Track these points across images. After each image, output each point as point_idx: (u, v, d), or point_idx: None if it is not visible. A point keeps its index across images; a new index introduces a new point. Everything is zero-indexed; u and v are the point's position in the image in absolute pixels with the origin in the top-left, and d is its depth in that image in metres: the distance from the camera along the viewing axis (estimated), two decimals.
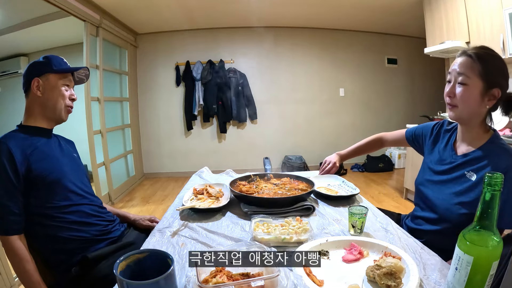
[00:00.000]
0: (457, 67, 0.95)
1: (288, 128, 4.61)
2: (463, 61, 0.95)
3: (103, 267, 0.99)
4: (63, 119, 1.12)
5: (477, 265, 0.51)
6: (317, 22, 4.24)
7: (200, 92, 4.32)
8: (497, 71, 0.94)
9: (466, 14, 2.58)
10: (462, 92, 0.94)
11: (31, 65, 1.08)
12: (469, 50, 0.96)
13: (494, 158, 0.92)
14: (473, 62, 0.93)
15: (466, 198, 0.93)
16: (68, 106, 1.12)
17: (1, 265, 1.63)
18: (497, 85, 0.93)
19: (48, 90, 1.06)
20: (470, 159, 0.97)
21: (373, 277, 0.64)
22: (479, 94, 0.93)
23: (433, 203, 1.02)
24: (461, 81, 0.94)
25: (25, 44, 3.87)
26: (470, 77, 0.93)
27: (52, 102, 1.07)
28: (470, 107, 0.95)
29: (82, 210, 1.08)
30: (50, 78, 1.07)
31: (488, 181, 0.50)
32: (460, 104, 0.96)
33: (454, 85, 0.97)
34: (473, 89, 0.93)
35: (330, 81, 4.64)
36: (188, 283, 0.62)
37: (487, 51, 0.95)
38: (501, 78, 0.95)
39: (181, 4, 3.37)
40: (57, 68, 1.07)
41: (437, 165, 1.07)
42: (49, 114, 1.09)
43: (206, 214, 1.06)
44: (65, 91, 1.09)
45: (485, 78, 0.92)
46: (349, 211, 0.89)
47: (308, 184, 1.23)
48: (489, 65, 0.93)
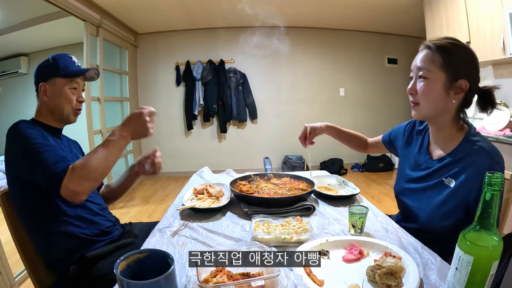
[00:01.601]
0: (417, 61, 0.90)
1: (288, 128, 4.61)
2: (423, 54, 0.89)
3: (102, 266, 0.99)
4: (71, 122, 1.13)
5: (477, 265, 0.51)
6: (317, 22, 4.24)
7: (200, 92, 4.32)
8: (461, 61, 0.87)
9: (466, 14, 2.58)
10: (423, 87, 0.88)
11: (39, 68, 1.08)
12: (429, 42, 0.89)
13: (473, 159, 0.84)
14: (433, 54, 0.87)
15: (448, 207, 0.88)
16: (76, 109, 1.11)
17: (1, 265, 1.63)
18: (463, 76, 0.85)
19: (55, 95, 1.06)
20: (447, 164, 0.90)
21: (373, 277, 0.64)
22: (443, 87, 0.86)
23: (415, 214, 0.98)
24: (421, 75, 0.88)
25: (25, 44, 3.87)
26: (431, 70, 0.86)
27: (58, 107, 1.07)
28: (434, 103, 0.88)
29: (89, 207, 1.08)
30: (56, 82, 1.06)
31: (488, 181, 0.50)
32: (422, 100, 0.89)
33: (415, 81, 0.90)
34: (434, 82, 0.86)
35: (330, 81, 4.64)
36: (188, 283, 0.62)
37: (450, 41, 0.88)
38: (467, 68, 0.87)
39: (181, 4, 3.37)
40: (64, 72, 1.06)
41: (413, 172, 1.02)
42: (57, 117, 1.09)
43: (206, 214, 1.06)
44: (71, 95, 1.08)
45: (448, 70, 0.85)
46: (349, 211, 0.89)
47: (308, 184, 1.23)
48: (451, 56, 0.86)
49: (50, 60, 1.07)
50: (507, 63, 2.53)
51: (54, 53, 1.08)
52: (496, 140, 2.19)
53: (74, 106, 1.10)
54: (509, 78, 2.55)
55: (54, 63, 1.06)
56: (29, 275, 1.02)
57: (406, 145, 1.10)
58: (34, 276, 1.02)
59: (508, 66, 2.55)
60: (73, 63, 1.11)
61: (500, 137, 2.19)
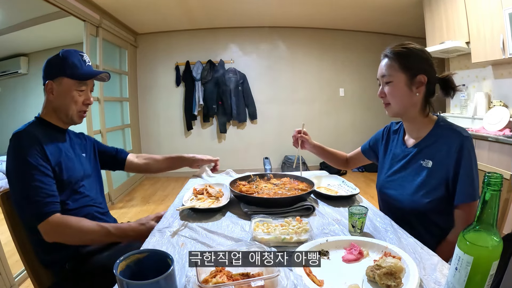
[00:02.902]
0: (380, 70, 1.04)
1: (288, 128, 4.60)
2: (383, 63, 1.04)
3: (98, 261, 1.00)
4: (75, 123, 1.10)
5: (477, 265, 0.51)
6: (317, 22, 4.24)
7: (200, 92, 4.32)
8: (415, 60, 1.00)
9: (466, 14, 2.58)
10: (390, 90, 1.02)
11: (47, 64, 1.04)
12: (386, 51, 1.03)
13: (445, 140, 0.97)
14: (391, 60, 1.01)
15: (429, 186, 0.98)
16: (81, 111, 1.08)
17: (1, 265, 1.63)
18: (420, 72, 0.99)
19: (61, 95, 1.03)
20: (422, 148, 1.03)
21: (373, 277, 0.64)
22: (405, 85, 1.00)
23: (398, 201, 1.06)
24: (386, 81, 1.03)
25: (25, 44, 3.87)
26: (392, 74, 1.01)
27: (63, 107, 1.04)
28: (401, 100, 1.02)
29: (90, 212, 1.08)
30: (63, 82, 1.02)
31: (488, 181, 0.50)
32: (391, 100, 1.03)
33: (382, 86, 1.05)
34: (397, 83, 1.00)
35: (330, 81, 4.64)
36: (188, 283, 0.62)
37: (403, 46, 1.01)
38: (422, 64, 1.00)
39: (181, 4, 3.37)
40: (71, 73, 1.02)
41: (392, 165, 1.12)
42: (61, 117, 1.07)
43: (206, 214, 1.06)
44: (78, 97, 1.05)
45: (406, 70, 0.99)
46: (349, 211, 0.89)
47: (308, 184, 1.23)
48: (406, 57, 0.99)
49: (60, 56, 1.03)
50: (506, 63, 2.53)
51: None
52: (496, 140, 2.19)
53: (79, 108, 1.07)
54: (509, 78, 2.56)
55: (62, 61, 1.02)
56: (29, 275, 1.02)
57: (386, 147, 1.21)
58: (34, 276, 1.01)
59: (507, 66, 2.55)
60: (84, 62, 1.06)
61: (500, 137, 2.19)
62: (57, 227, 0.91)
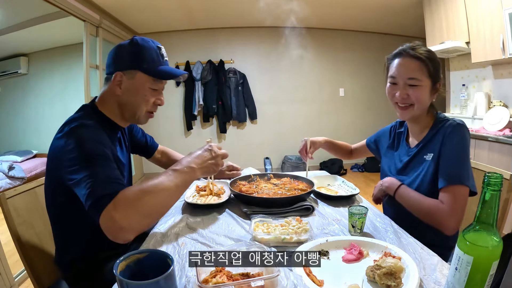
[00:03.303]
0: (406, 71, 0.99)
1: (288, 128, 4.61)
2: (413, 65, 0.99)
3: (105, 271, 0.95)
4: (140, 123, 0.99)
5: (477, 265, 0.51)
6: (318, 22, 4.24)
7: (200, 92, 4.32)
8: (438, 67, 1.01)
9: (466, 14, 2.58)
10: (417, 93, 0.99)
11: (118, 50, 0.89)
12: (411, 51, 0.99)
13: (442, 130, 0.99)
14: (423, 64, 0.98)
15: (429, 177, 0.99)
16: (150, 112, 0.96)
17: (1, 265, 1.63)
18: (439, 79, 1.02)
19: (130, 90, 0.89)
20: (424, 144, 1.04)
21: (373, 277, 0.64)
22: (429, 91, 1.00)
23: None
24: (413, 84, 0.99)
25: (25, 44, 3.87)
26: (422, 79, 0.98)
27: (131, 106, 0.92)
28: (423, 105, 1.02)
29: None
30: (137, 77, 0.88)
31: (488, 181, 0.50)
32: (417, 103, 1.00)
33: (404, 87, 1.00)
34: (425, 88, 0.99)
35: (330, 81, 4.64)
36: (188, 283, 0.62)
37: (428, 51, 1.00)
38: (440, 72, 1.02)
39: (181, 4, 3.37)
40: (148, 68, 0.88)
41: (397, 166, 1.14)
42: (126, 115, 0.94)
43: (207, 214, 1.06)
44: (150, 96, 0.92)
45: (433, 77, 0.99)
46: (349, 211, 0.89)
47: (308, 184, 1.23)
48: (435, 64, 0.99)
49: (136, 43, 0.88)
50: (506, 63, 2.53)
51: (53, 53, 0.99)
52: (496, 140, 2.19)
53: (149, 108, 0.94)
54: (509, 78, 2.56)
55: (140, 51, 0.87)
56: (29, 275, 1.02)
57: (391, 146, 1.22)
58: (34, 276, 1.01)
59: (507, 66, 2.55)
60: (162, 56, 0.92)
61: (500, 137, 2.19)
62: (130, 204, 0.72)
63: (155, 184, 0.76)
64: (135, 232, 0.73)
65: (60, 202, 0.90)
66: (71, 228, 0.94)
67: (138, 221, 0.72)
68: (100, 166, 0.76)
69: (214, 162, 0.92)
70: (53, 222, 0.97)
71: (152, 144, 1.37)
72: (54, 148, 0.84)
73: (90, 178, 0.73)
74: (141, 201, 0.72)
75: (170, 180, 0.79)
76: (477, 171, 1.20)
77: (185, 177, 0.83)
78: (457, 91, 3.16)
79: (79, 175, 0.75)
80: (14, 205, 1.01)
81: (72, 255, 0.96)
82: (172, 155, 1.45)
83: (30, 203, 1.08)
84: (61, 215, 0.94)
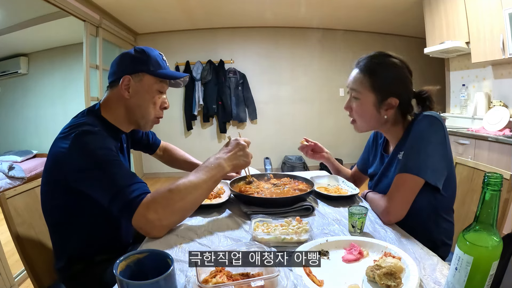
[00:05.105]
0: (349, 81, 0.96)
1: (288, 128, 4.61)
2: (354, 74, 0.95)
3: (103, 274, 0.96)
4: (146, 129, 1.00)
5: (477, 265, 0.51)
6: (317, 22, 4.24)
7: (200, 92, 4.32)
8: (388, 81, 0.92)
9: (466, 14, 2.59)
10: (356, 107, 0.96)
11: (125, 57, 0.92)
12: (360, 61, 0.95)
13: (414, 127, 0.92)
14: (363, 75, 0.93)
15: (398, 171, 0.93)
16: (158, 117, 0.98)
17: (1, 265, 1.63)
18: (392, 95, 0.92)
19: (139, 94, 0.91)
20: (399, 146, 0.99)
21: (373, 277, 0.64)
22: (373, 106, 0.93)
23: None
24: (354, 96, 0.96)
25: (25, 44, 3.87)
26: (361, 91, 0.93)
27: (140, 110, 0.93)
28: (368, 121, 0.96)
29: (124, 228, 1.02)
30: (144, 79, 0.91)
31: (487, 181, 0.50)
32: (357, 118, 0.97)
33: (350, 99, 0.98)
34: (365, 103, 0.93)
35: (330, 81, 4.64)
36: (188, 283, 0.62)
37: (377, 61, 0.93)
38: (395, 87, 0.92)
39: (181, 4, 3.37)
40: (154, 70, 0.91)
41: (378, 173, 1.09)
42: (132, 120, 0.95)
43: (206, 213, 1.06)
44: (158, 99, 0.94)
45: (376, 91, 0.92)
46: (349, 211, 0.89)
47: (308, 184, 1.23)
48: (378, 77, 0.91)
49: (141, 50, 0.92)
50: (506, 63, 2.53)
51: (53, 53, 1.03)
52: (495, 140, 2.19)
53: (157, 113, 0.96)
54: (509, 78, 2.56)
55: (145, 56, 0.91)
56: (29, 275, 1.02)
57: (375, 156, 1.18)
58: (34, 276, 1.01)
59: (507, 66, 2.55)
60: (164, 62, 0.96)
61: (500, 137, 2.19)
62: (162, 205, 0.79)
63: (184, 183, 0.82)
64: (167, 229, 0.82)
65: (58, 204, 0.91)
66: (68, 229, 0.94)
67: (169, 219, 0.81)
68: (118, 169, 0.80)
69: (243, 153, 0.96)
70: (50, 223, 0.96)
71: (155, 141, 1.39)
72: (57, 150, 0.84)
73: (112, 183, 0.78)
74: (171, 201, 0.79)
75: (197, 177, 0.86)
76: (477, 171, 1.20)
77: (213, 173, 0.89)
78: (457, 91, 3.16)
79: (97, 180, 0.79)
80: (14, 205, 1.01)
81: (70, 255, 0.96)
82: (175, 151, 1.46)
83: (30, 203, 1.08)
84: (58, 216, 0.94)
